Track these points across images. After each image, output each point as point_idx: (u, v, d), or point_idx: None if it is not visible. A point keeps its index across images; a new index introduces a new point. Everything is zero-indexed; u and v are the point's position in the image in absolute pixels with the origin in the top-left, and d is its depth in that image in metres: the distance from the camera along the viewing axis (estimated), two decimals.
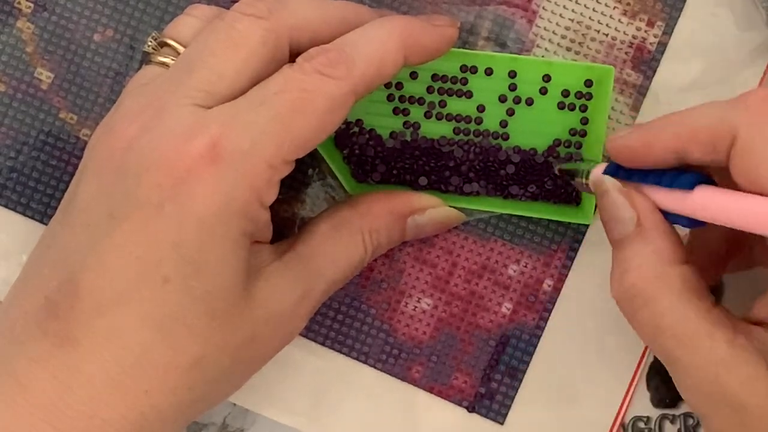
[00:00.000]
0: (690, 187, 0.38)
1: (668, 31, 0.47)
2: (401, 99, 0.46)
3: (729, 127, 0.38)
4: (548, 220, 0.47)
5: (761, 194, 0.37)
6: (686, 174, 0.39)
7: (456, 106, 0.46)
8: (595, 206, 0.46)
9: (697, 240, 0.44)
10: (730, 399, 0.37)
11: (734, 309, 0.40)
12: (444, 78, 0.46)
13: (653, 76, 0.47)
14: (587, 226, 0.47)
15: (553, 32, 0.47)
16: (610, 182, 0.41)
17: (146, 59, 0.43)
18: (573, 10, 0.47)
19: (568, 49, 0.47)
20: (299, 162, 0.41)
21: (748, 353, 0.37)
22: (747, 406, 0.37)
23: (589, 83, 0.45)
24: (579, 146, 0.46)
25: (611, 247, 0.41)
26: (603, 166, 0.42)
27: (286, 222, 0.47)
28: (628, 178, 0.41)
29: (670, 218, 0.40)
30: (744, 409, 0.37)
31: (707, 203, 0.38)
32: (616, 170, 0.41)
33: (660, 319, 0.38)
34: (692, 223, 0.39)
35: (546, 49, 0.47)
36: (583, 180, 0.43)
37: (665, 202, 0.40)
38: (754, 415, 0.37)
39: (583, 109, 0.46)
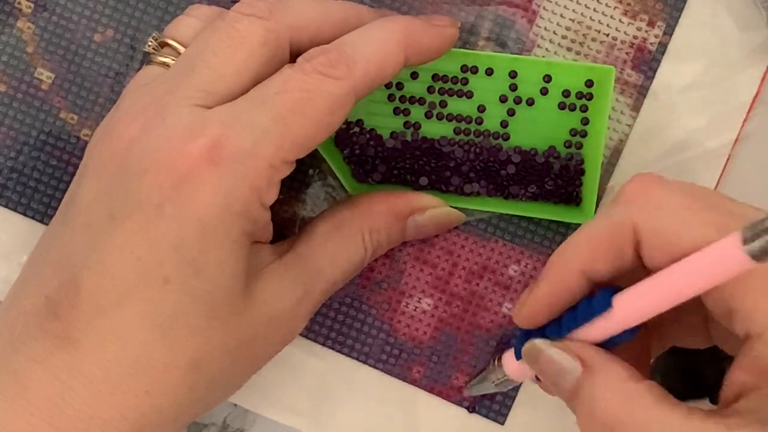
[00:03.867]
0: (608, 304, 0.38)
1: (669, 32, 0.47)
2: (402, 99, 0.46)
3: (626, 226, 0.38)
4: (549, 220, 0.47)
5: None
6: (596, 297, 0.38)
7: (456, 106, 0.46)
8: (596, 206, 0.46)
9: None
10: None
11: None
12: (444, 78, 0.46)
13: (654, 77, 0.47)
14: None
15: (554, 32, 0.47)
16: (540, 342, 0.39)
17: (147, 59, 0.43)
18: (573, 10, 0.47)
19: (569, 49, 0.47)
20: (299, 162, 0.41)
21: (749, 428, 0.36)
22: None
23: (589, 83, 0.45)
24: (579, 146, 0.46)
25: (567, 406, 0.39)
26: (511, 352, 0.42)
27: (286, 222, 0.47)
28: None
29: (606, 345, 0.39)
30: None
31: (633, 305, 0.37)
32: (525, 340, 0.40)
33: None
34: (630, 333, 0.38)
35: (546, 49, 0.47)
36: (497, 379, 0.43)
37: (594, 336, 0.39)
38: None
39: (584, 109, 0.46)
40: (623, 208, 0.38)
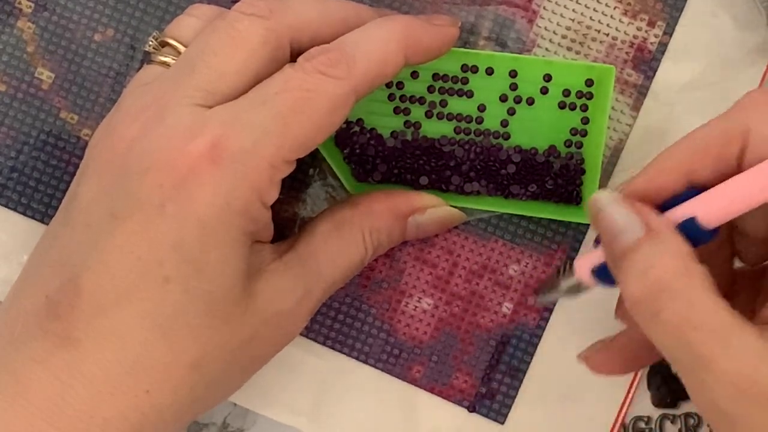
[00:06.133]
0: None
1: (669, 31, 0.47)
2: (402, 98, 0.46)
3: (739, 130, 0.38)
4: (549, 219, 0.47)
5: None
6: (682, 196, 0.39)
7: (457, 105, 0.46)
8: None
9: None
10: None
11: None
12: (445, 77, 0.46)
13: (654, 76, 0.47)
14: (588, 225, 0.47)
15: (554, 32, 0.47)
16: (606, 196, 0.39)
17: (147, 59, 0.43)
18: (573, 10, 0.47)
19: (569, 49, 0.47)
20: (300, 162, 0.41)
21: None
22: None
23: (589, 83, 0.45)
24: (580, 146, 0.46)
25: (615, 261, 0.38)
26: (585, 257, 0.41)
27: (286, 222, 0.47)
28: None
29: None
30: None
31: (719, 200, 0.38)
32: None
33: (691, 313, 0.36)
34: (710, 234, 0.38)
35: (546, 49, 0.47)
36: (568, 285, 0.42)
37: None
38: None
39: (584, 108, 0.46)
40: (737, 113, 0.38)
